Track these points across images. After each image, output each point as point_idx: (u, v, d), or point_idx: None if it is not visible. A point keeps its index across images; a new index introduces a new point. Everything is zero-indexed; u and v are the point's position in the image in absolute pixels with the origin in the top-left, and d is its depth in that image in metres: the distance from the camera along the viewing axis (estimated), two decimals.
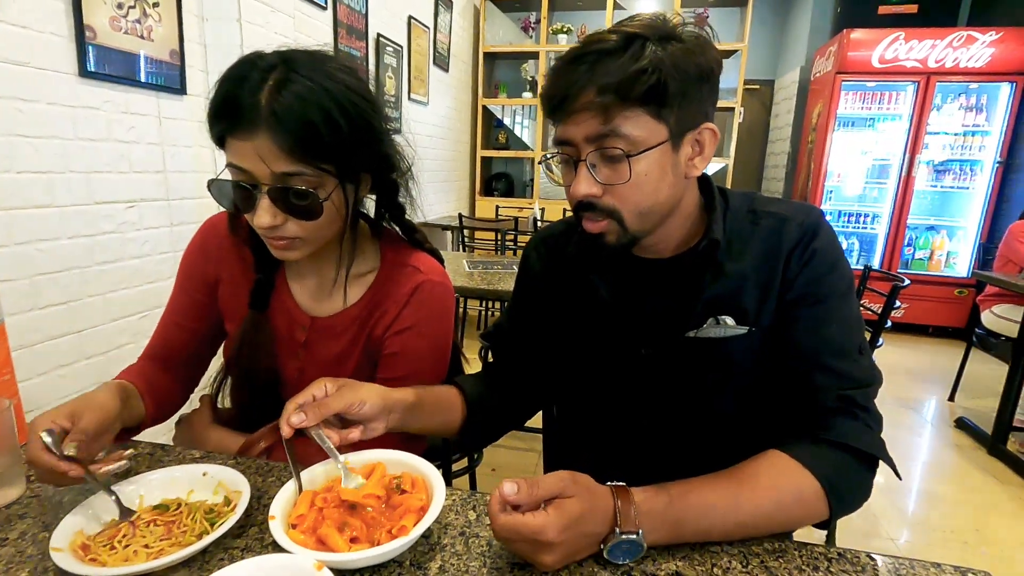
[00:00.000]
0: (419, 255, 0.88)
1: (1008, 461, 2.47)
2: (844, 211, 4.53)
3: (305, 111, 0.66)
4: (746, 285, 0.73)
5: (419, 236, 0.91)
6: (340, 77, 0.70)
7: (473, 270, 2.31)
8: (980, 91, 4.11)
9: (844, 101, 4.27)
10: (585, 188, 0.67)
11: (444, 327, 0.87)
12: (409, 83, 3.72)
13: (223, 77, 0.69)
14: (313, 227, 0.73)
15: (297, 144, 0.66)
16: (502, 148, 5.52)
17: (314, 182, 0.70)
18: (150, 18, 1.73)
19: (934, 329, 4.38)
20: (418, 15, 3.76)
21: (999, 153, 4.04)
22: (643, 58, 0.62)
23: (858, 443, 0.66)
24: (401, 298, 0.84)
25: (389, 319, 0.85)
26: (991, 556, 1.90)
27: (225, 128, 0.68)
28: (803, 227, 0.73)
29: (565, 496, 0.55)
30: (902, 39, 4.03)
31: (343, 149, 0.70)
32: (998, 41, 3.89)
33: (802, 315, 0.71)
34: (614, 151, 0.65)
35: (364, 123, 0.72)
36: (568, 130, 0.67)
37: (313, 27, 2.58)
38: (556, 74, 0.67)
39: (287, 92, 0.66)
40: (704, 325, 0.74)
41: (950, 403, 3.15)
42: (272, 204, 0.70)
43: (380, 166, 0.79)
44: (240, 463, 0.75)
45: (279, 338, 0.88)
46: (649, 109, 0.64)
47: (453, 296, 0.89)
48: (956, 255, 4.37)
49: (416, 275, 0.85)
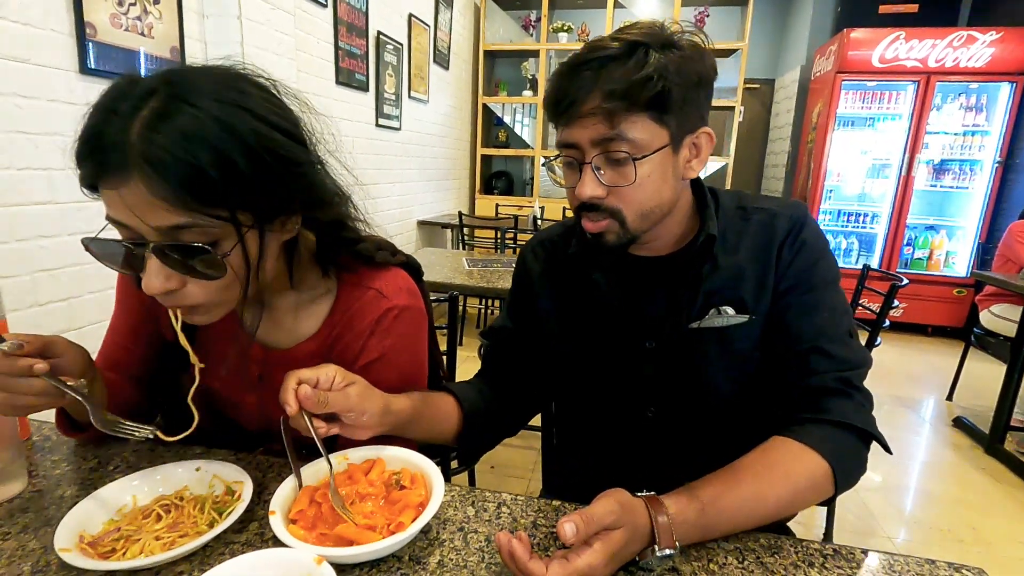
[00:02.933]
0: (383, 274, 0.79)
1: (1005, 461, 2.48)
2: (844, 210, 4.54)
3: (188, 150, 0.53)
4: (743, 276, 0.76)
5: (383, 255, 0.80)
6: (244, 100, 0.58)
7: (473, 268, 2.31)
8: (980, 91, 4.11)
9: (844, 100, 4.27)
10: (590, 190, 0.69)
11: (415, 352, 0.81)
12: (409, 81, 3.72)
13: (92, 105, 0.56)
14: (219, 288, 0.61)
15: (181, 191, 0.54)
16: (502, 146, 5.52)
17: (213, 234, 0.58)
18: (151, 15, 1.73)
19: (933, 329, 4.39)
20: (418, 13, 3.76)
21: (999, 153, 4.04)
22: (648, 65, 0.64)
23: (856, 421, 0.69)
24: (364, 328, 0.76)
25: (353, 352, 0.77)
26: (987, 555, 1.90)
27: (91, 174, 0.56)
28: (791, 220, 0.77)
29: (614, 528, 0.55)
30: (902, 39, 4.03)
31: (245, 192, 0.57)
32: (998, 41, 3.89)
33: (794, 302, 0.75)
34: (619, 154, 0.67)
35: (275, 157, 0.59)
36: (573, 133, 0.69)
37: (314, 24, 2.58)
38: (561, 79, 0.69)
39: (165, 127, 0.53)
40: (706, 316, 0.77)
41: (948, 402, 3.15)
42: (162, 265, 0.58)
43: (305, 204, 0.67)
44: (239, 459, 0.76)
45: (233, 371, 0.79)
46: (652, 114, 0.67)
47: (424, 316, 0.82)
48: (955, 255, 4.37)
49: (379, 301, 0.77)
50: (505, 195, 5.41)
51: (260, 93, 0.61)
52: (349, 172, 0.73)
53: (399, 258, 0.83)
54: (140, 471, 0.69)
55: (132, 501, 0.66)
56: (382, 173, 3.48)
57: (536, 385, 0.93)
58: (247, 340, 0.78)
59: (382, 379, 0.76)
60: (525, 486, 2.17)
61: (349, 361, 0.77)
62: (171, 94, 0.55)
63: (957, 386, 3.17)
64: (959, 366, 3.14)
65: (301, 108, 0.66)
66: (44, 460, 0.75)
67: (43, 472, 0.73)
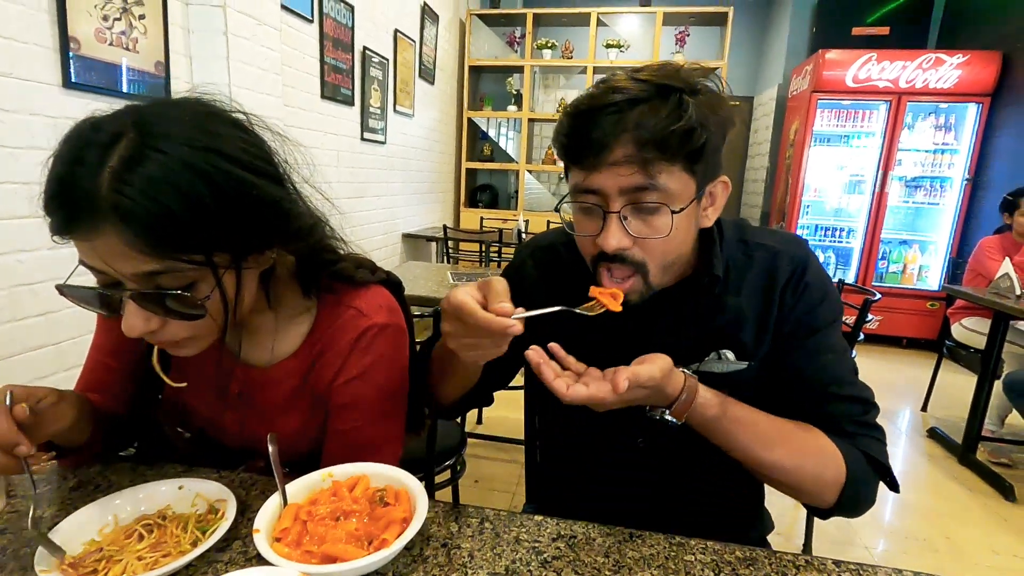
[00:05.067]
0: (363, 293, 0.79)
1: (977, 470, 2.54)
2: (821, 225, 4.65)
3: (160, 198, 0.52)
4: (744, 318, 0.75)
5: (362, 273, 0.80)
6: (215, 142, 0.57)
7: (457, 282, 2.32)
8: (949, 111, 4.26)
9: (820, 118, 4.39)
10: (616, 241, 0.65)
11: (395, 370, 0.80)
12: (395, 95, 3.75)
13: (55, 153, 0.55)
14: (200, 325, 0.62)
15: (154, 239, 0.53)
16: (487, 160, 5.56)
17: (189, 276, 0.58)
18: (136, 30, 1.74)
19: (908, 341, 4.49)
20: (404, 29, 3.80)
21: (967, 171, 4.18)
22: (687, 115, 0.61)
23: (880, 456, 0.71)
24: (344, 347, 0.77)
25: (333, 370, 0.77)
26: (960, 564, 1.95)
27: (61, 224, 0.55)
28: (794, 261, 0.75)
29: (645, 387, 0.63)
30: (874, 60, 4.17)
31: (220, 234, 0.58)
32: (964, 64, 4.04)
33: (799, 346, 0.74)
34: (650, 205, 0.64)
35: (248, 198, 0.58)
36: (599, 180, 0.64)
37: (299, 40, 2.60)
38: (582, 120, 0.64)
39: (134, 176, 0.51)
40: (706, 359, 0.76)
41: (923, 413, 3.22)
42: (140, 308, 0.58)
43: (280, 239, 0.67)
44: (222, 476, 0.76)
45: (212, 388, 0.79)
46: (685, 165, 0.64)
47: (404, 333, 0.82)
48: (928, 269, 4.49)
49: (359, 320, 0.77)
50: (490, 208, 5.44)
51: (232, 131, 0.61)
52: (325, 197, 0.73)
53: (379, 276, 0.83)
54: (122, 490, 0.69)
55: (113, 520, 0.65)
56: (367, 187, 3.49)
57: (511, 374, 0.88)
58: (230, 362, 0.78)
59: (361, 396, 0.78)
60: (509, 500, 2.17)
61: (330, 379, 0.78)
62: (139, 140, 0.53)
63: (931, 397, 3.24)
64: (933, 377, 3.22)
65: (275, 139, 0.66)
66: (23, 479, 0.75)
67: (23, 492, 0.72)
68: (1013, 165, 3.82)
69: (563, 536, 0.66)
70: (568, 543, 0.65)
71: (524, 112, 5.13)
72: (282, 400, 0.79)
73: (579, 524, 0.68)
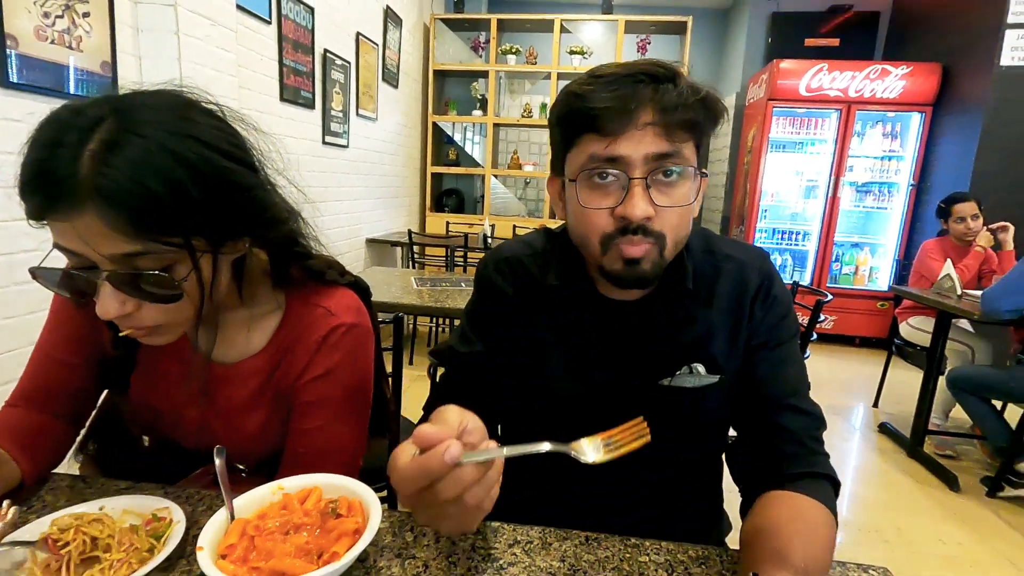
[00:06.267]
0: (331, 293, 0.80)
1: (925, 463, 2.66)
2: (778, 229, 4.80)
3: (141, 180, 0.53)
4: (715, 332, 0.75)
5: (332, 273, 0.81)
6: (192, 129, 0.59)
7: (421, 288, 2.30)
8: (895, 119, 4.46)
9: (776, 125, 4.54)
10: (643, 209, 0.63)
11: (361, 371, 0.81)
12: (357, 99, 3.70)
13: (32, 138, 0.56)
14: (174, 309, 0.62)
15: (135, 221, 0.54)
16: (452, 164, 5.54)
17: (167, 259, 0.59)
18: (80, 28, 1.67)
19: (861, 340, 4.67)
20: (366, 32, 3.76)
21: (912, 176, 4.39)
22: (699, 93, 0.63)
23: (833, 474, 0.71)
24: (312, 344, 0.77)
25: (300, 367, 0.77)
26: (910, 553, 2.03)
27: (40, 206, 0.55)
28: (761, 273, 0.76)
29: None
30: (825, 70, 4.34)
31: (198, 218, 0.59)
32: (909, 75, 4.24)
33: (765, 357, 0.75)
34: (676, 172, 0.64)
35: (225, 183, 0.60)
36: (623, 146, 0.63)
37: (257, 41, 2.54)
38: (606, 86, 0.63)
39: (117, 157, 0.53)
40: (677, 373, 0.75)
41: (875, 409, 3.36)
42: (115, 291, 0.58)
43: (255, 227, 0.68)
44: (169, 492, 0.73)
45: (175, 384, 0.78)
46: (695, 140, 0.66)
47: (371, 335, 0.83)
48: (878, 270, 4.69)
49: (327, 318, 0.77)
50: (456, 213, 5.43)
51: (208, 120, 0.62)
52: (299, 190, 0.74)
53: (348, 278, 0.84)
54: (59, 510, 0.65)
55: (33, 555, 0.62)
56: (329, 191, 3.43)
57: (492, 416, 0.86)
58: (199, 360, 0.77)
59: (327, 395, 0.78)
60: None
61: (295, 376, 0.78)
62: (119, 124, 0.55)
63: (882, 393, 3.38)
64: (883, 375, 3.35)
65: (248, 131, 0.67)
66: None
67: None
68: (953, 172, 4.03)
69: (519, 542, 0.66)
70: (524, 549, 0.65)
71: (489, 117, 5.14)
72: (246, 397, 0.79)
73: (535, 529, 0.68)
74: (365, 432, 0.85)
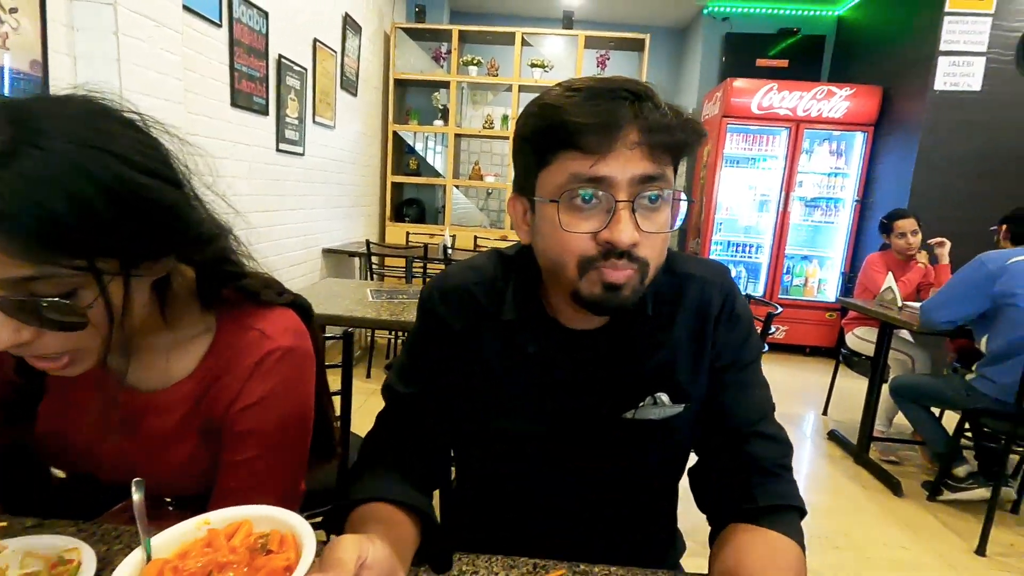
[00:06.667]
0: (267, 314, 0.73)
1: (871, 469, 2.75)
2: (733, 242, 4.94)
3: (38, 198, 0.48)
4: (679, 356, 0.72)
5: (268, 293, 0.74)
6: (102, 140, 0.53)
7: (377, 300, 2.25)
8: (840, 138, 4.68)
9: (730, 142, 4.69)
10: (631, 235, 0.59)
11: (299, 397, 0.75)
12: (314, 106, 3.62)
13: None
14: (81, 337, 0.57)
15: (29, 242, 0.48)
16: (413, 174, 5.49)
17: (70, 283, 0.53)
18: (6, 24, 1.56)
19: (811, 349, 4.84)
20: (324, 38, 3.69)
21: (856, 192, 4.60)
22: (681, 115, 0.60)
23: (800, 503, 0.69)
24: (244, 370, 0.71)
25: (231, 394, 0.71)
26: (858, 558, 2.09)
27: None
28: (723, 291, 0.73)
29: None
30: (776, 89, 4.52)
31: (106, 238, 0.52)
32: (852, 96, 4.46)
33: (731, 380, 0.72)
34: (660, 196, 0.61)
35: (139, 200, 0.54)
36: (609, 166, 0.58)
37: (206, 44, 2.45)
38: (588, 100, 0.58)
39: (8, 173, 0.47)
40: (641, 405, 0.72)
41: (824, 417, 3.47)
42: (8, 319, 0.52)
43: (178, 246, 0.62)
44: (82, 530, 0.67)
45: (89, 413, 0.72)
46: (673, 165, 0.62)
47: (310, 358, 0.77)
48: (826, 282, 4.88)
49: (262, 341, 0.71)
50: (417, 223, 5.36)
51: (124, 131, 0.57)
52: (230, 205, 0.69)
53: (286, 298, 0.77)
54: None
55: None
56: (284, 199, 3.33)
57: (443, 461, 0.79)
58: (115, 387, 0.70)
59: (261, 425, 0.72)
60: None
61: (226, 404, 0.72)
62: (15, 136, 0.49)
63: (831, 402, 3.50)
64: (831, 383, 3.47)
65: (174, 142, 0.62)
66: None
67: None
68: (893, 189, 4.24)
69: (464, 572, 0.63)
70: None
71: (451, 127, 5.12)
72: (171, 428, 0.72)
73: (482, 558, 0.66)
74: (304, 463, 0.79)
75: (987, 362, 2.26)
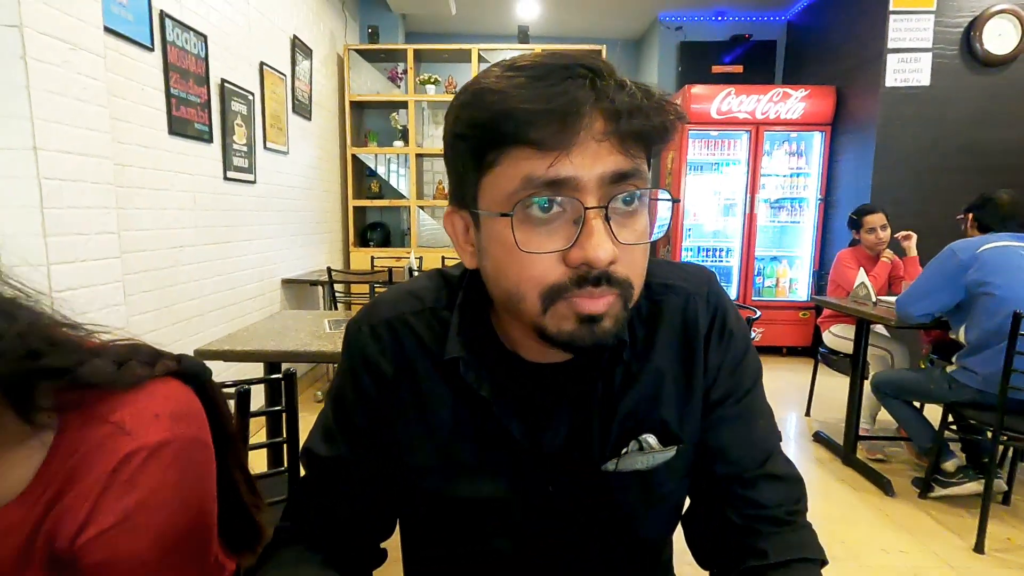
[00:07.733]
0: (131, 398, 0.55)
1: (860, 469, 2.68)
2: (703, 247, 4.93)
3: None
4: (663, 388, 0.59)
5: (130, 369, 0.55)
6: None
7: (335, 331, 2.10)
8: (799, 139, 4.72)
9: (693, 148, 4.70)
10: (608, 250, 0.46)
11: (182, 501, 0.57)
12: (264, 131, 3.47)
13: None
14: None
15: None
16: (376, 197, 5.36)
17: None
18: None
19: (787, 349, 4.82)
20: (272, 62, 3.56)
21: (819, 191, 4.64)
22: (653, 93, 0.47)
23: (820, 553, 0.59)
24: (93, 484, 0.53)
25: (79, 518, 0.52)
26: (858, 568, 1.99)
27: None
28: (711, 303, 0.61)
29: None
30: (733, 94, 4.55)
31: None
32: (807, 97, 4.52)
33: (729, 416, 0.61)
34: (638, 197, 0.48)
35: None
36: (573, 163, 0.45)
37: (136, 69, 2.29)
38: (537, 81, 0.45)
39: None
40: (624, 452, 0.59)
41: (807, 418, 3.41)
42: None
43: None
44: None
45: None
46: (647, 157, 0.49)
47: (198, 445, 0.58)
48: (797, 281, 4.89)
49: (118, 441, 0.53)
50: (382, 247, 5.22)
51: None
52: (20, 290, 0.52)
53: (164, 368, 0.58)
54: None
55: None
56: (235, 230, 3.16)
57: (381, 527, 0.66)
58: None
59: (126, 552, 0.52)
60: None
61: (74, 531, 0.52)
62: None
63: (813, 402, 3.44)
64: (812, 383, 3.42)
65: None
66: None
67: None
68: (854, 185, 4.28)
69: None
70: None
71: (411, 148, 5.02)
72: (4, 562, 0.53)
73: None
74: None
75: (967, 352, 2.22)
